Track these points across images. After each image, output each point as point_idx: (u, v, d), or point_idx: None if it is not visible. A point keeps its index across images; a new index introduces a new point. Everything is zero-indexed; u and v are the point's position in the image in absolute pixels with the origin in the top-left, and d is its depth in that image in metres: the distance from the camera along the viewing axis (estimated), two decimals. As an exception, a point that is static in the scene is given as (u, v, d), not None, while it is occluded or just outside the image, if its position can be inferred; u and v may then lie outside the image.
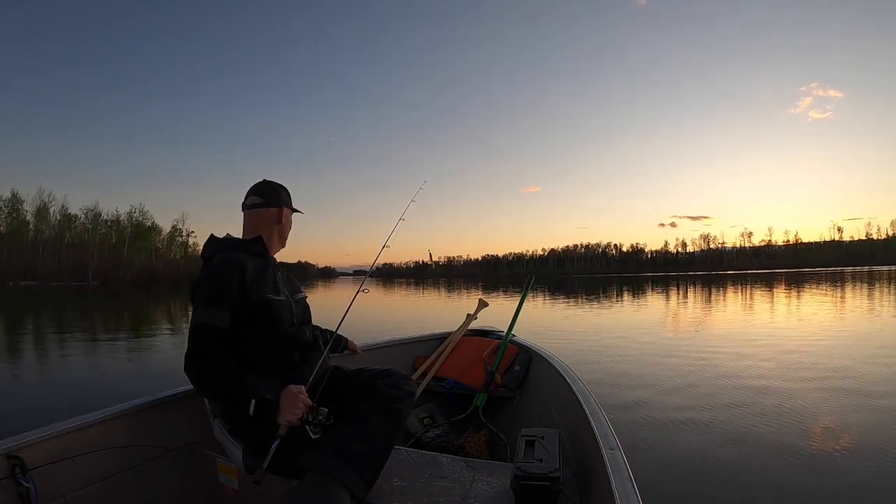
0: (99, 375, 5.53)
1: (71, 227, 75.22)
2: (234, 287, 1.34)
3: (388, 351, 2.59)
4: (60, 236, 71.23)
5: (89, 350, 7.38)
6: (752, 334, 7.91)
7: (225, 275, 1.35)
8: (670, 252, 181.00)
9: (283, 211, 1.58)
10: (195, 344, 1.31)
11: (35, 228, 70.29)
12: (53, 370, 5.97)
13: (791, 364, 5.22)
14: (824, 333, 7.72)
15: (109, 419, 1.41)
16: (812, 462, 2.65)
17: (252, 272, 1.39)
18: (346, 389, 1.48)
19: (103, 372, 5.69)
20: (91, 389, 4.77)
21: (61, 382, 5.20)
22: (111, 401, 1.49)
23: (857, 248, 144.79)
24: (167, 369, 5.45)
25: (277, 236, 1.59)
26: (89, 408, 1.42)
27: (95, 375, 5.53)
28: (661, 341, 7.34)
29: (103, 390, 4.70)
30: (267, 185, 1.59)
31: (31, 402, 4.26)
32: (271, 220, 1.55)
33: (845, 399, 3.82)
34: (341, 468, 1.17)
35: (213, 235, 1.55)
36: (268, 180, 1.61)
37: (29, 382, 5.27)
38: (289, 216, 1.62)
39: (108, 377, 5.40)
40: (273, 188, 1.59)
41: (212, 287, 1.34)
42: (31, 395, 4.62)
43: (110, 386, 4.89)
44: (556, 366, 2.01)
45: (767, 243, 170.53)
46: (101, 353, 7.08)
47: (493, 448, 2.01)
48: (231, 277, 1.34)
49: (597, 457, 1.18)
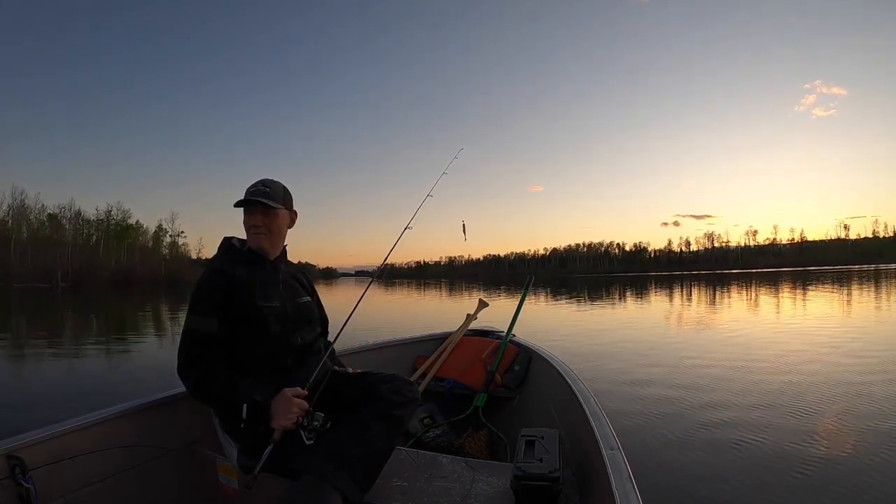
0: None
1: (45, 226, 71.18)
2: (219, 294, 1.38)
3: (388, 351, 2.59)
4: (32, 236, 67.31)
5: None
6: (755, 334, 7.88)
7: (210, 282, 1.40)
8: (674, 251, 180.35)
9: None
10: (186, 349, 1.36)
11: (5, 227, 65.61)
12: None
13: (794, 364, 5.20)
14: (832, 333, 7.65)
15: (109, 419, 1.41)
16: (813, 462, 2.64)
17: (240, 279, 1.41)
18: (347, 393, 1.48)
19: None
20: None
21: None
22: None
23: (864, 246, 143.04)
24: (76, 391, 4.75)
25: (248, 240, 1.53)
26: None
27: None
28: (662, 341, 7.32)
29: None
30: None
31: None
32: (244, 226, 1.53)
33: (852, 400, 3.78)
34: (335, 471, 1.17)
35: (226, 238, 1.55)
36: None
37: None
38: (243, 217, 1.50)
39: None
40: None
41: (198, 293, 1.39)
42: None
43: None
44: (556, 366, 2.01)
45: (772, 242, 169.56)
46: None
47: (493, 448, 2.01)
48: (215, 285, 1.39)
49: (597, 457, 1.18)
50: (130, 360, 6.69)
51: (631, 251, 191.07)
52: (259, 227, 1.48)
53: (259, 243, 1.49)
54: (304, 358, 1.48)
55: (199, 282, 1.42)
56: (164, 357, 6.54)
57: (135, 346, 8.14)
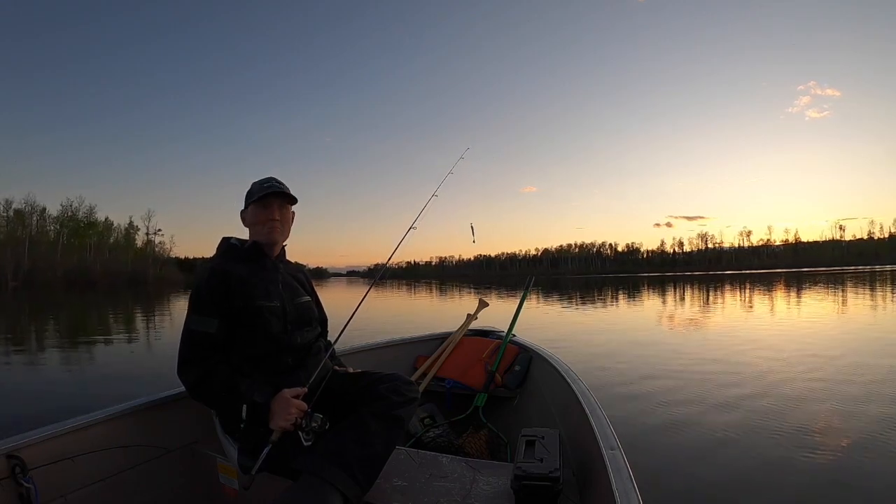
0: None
1: (11, 223, 66.93)
2: (218, 295, 1.37)
3: (388, 351, 2.59)
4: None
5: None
6: (753, 334, 7.93)
7: (210, 282, 1.39)
8: (667, 252, 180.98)
9: (246, 211, 1.54)
10: (186, 350, 1.35)
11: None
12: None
13: (795, 364, 5.24)
14: (828, 334, 7.72)
15: (109, 419, 1.41)
16: (814, 461, 2.66)
17: (240, 278, 1.41)
18: (347, 392, 1.47)
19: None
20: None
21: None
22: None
23: (859, 248, 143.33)
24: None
25: (256, 235, 1.52)
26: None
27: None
28: (661, 342, 7.35)
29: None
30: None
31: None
32: (249, 221, 1.53)
33: (851, 400, 3.81)
34: (335, 471, 1.17)
35: (224, 238, 1.55)
36: (256, 181, 1.55)
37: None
38: (252, 212, 1.51)
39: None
40: (250, 190, 1.54)
41: (197, 293, 1.38)
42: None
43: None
44: (557, 366, 2.01)
45: (766, 243, 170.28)
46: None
47: (493, 448, 2.01)
48: (215, 285, 1.38)
49: (597, 457, 1.18)
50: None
51: (623, 252, 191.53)
52: (277, 221, 1.51)
53: (275, 237, 1.52)
54: (304, 358, 1.47)
55: (199, 281, 1.41)
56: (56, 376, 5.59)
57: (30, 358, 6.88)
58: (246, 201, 1.54)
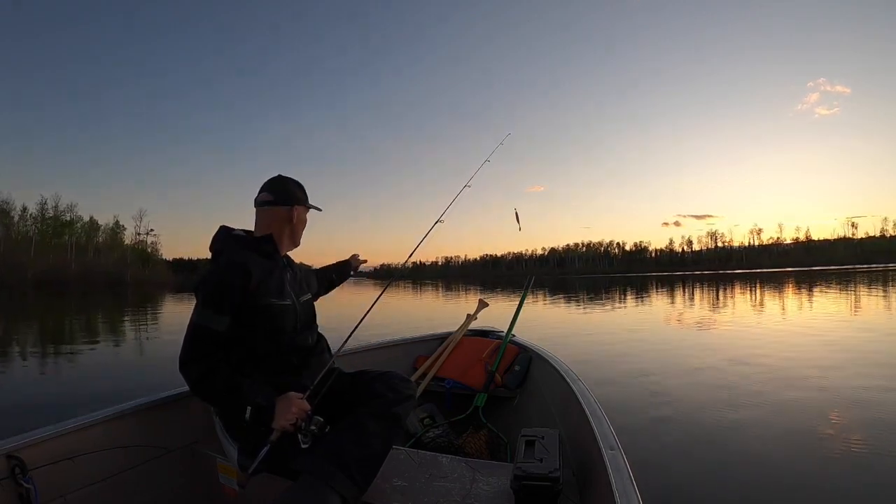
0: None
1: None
2: (238, 291, 1.31)
3: (388, 351, 2.59)
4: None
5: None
6: (757, 335, 7.85)
7: (230, 277, 1.31)
8: (675, 251, 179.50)
9: (294, 210, 1.50)
10: (192, 345, 1.30)
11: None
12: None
13: (797, 365, 5.18)
14: (835, 335, 7.61)
15: (109, 419, 1.42)
16: (815, 461, 2.63)
17: (258, 275, 1.36)
18: (345, 392, 1.47)
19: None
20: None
21: None
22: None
23: (872, 245, 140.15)
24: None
25: (288, 236, 1.53)
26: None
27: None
28: (662, 342, 7.30)
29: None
30: (279, 182, 1.51)
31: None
32: (282, 219, 1.49)
33: (854, 401, 3.77)
34: (334, 472, 1.17)
35: (224, 227, 1.50)
36: (282, 176, 1.53)
37: None
38: (302, 214, 1.54)
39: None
40: (285, 185, 1.51)
41: (215, 288, 1.31)
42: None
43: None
44: (556, 366, 2.00)
45: (777, 241, 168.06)
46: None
47: (493, 448, 2.00)
48: (236, 281, 1.31)
49: (597, 457, 1.17)
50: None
51: (631, 251, 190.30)
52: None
53: (299, 243, 1.60)
54: (308, 358, 1.47)
55: (214, 275, 1.33)
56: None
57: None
58: (296, 200, 1.51)
